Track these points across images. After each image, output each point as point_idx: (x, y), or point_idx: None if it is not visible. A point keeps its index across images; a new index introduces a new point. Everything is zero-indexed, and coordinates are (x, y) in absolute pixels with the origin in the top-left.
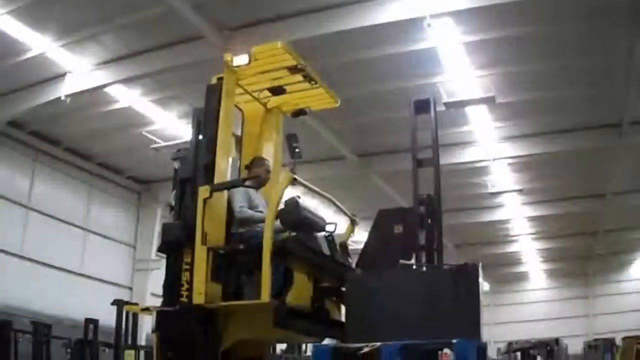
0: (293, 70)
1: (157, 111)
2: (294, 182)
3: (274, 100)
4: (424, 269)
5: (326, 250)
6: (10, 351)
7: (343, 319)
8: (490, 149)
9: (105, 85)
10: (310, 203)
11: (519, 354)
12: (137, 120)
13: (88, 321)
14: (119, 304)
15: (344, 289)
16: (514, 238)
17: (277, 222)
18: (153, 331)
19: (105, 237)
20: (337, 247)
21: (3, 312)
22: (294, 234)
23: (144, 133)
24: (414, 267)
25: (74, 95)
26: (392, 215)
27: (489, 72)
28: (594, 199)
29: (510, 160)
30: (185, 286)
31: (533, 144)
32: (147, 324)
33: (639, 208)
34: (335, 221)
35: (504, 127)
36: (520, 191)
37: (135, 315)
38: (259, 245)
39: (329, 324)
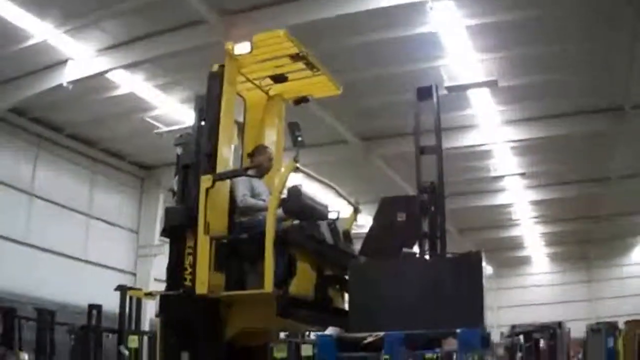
0: (295, 58)
1: (159, 96)
2: (296, 170)
3: (276, 88)
4: (427, 257)
5: (329, 238)
6: (15, 338)
7: (346, 307)
8: (492, 133)
9: (107, 71)
10: (312, 188)
11: (521, 337)
12: (140, 106)
13: (91, 307)
14: (122, 289)
15: (347, 277)
16: (516, 222)
17: (280, 211)
18: (157, 315)
19: (108, 223)
20: (340, 234)
21: (7, 299)
22: (296, 222)
23: (146, 118)
24: (417, 255)
25: (76, 82)
26: (395, 203)
27: (491, 55)
28: (597, 183)
29: (512, 144)
30: (189, 270)
31: (535, 128)
32: (150, 309)
33: None
34: (337, 207)
35: (507, 110)
36: (522, 175)
37: (138, 301)
38: (262, 234)
39: (332, 313)
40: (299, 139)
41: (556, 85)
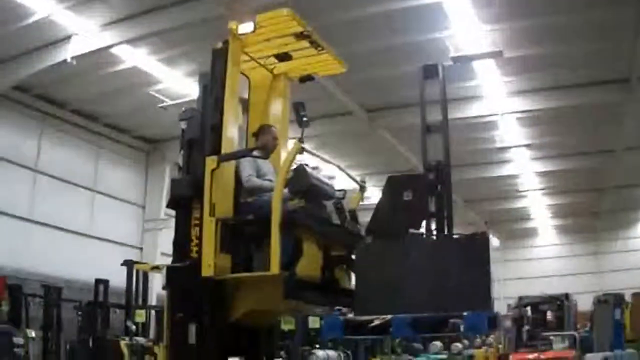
0: (299, 36)
1: (163, 70)
2: (302, 151)
3: (280, 67)
4: (434, 238)
5: (335, 218)
6: (21, 315)
7: (353, 287)
8: (498, 104)
9: (111, 46)
10: (317, 162)
11: (529, 308)
12: (144, 80)
13: (98, 282)
14: (128, 264)
15: (353, 257)
16: (522, 193)
17: (286, 191)
18: (163, 288)
19: (114, 197)
20: (347, 214)
21: (13, 276)
22: (302, 201)
23: (151, 92)
24: (424, 236)
25: (80, 57)
26: (401, 182)
27: (496, 26)
28: (603, 155)
29: (518, 115)
30: (195, 242)
31: (541, 99)
32: (157, 284)
33: None
34: (343, 186)
35: (512, 81)
36: (528, 146)
37: (145, 276)
38: (268, 214)
39: (339, 293)
40: (304, 119)
41: (562, 56)
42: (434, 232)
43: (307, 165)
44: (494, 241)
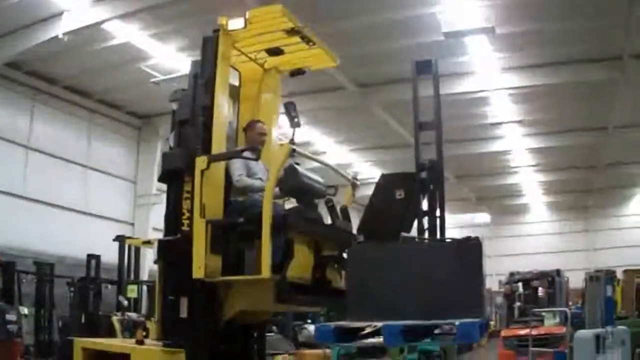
0: (290, 32)
1: (155, 45)
2: (293, 153)
3: (272, 61)
4: (427, 242)
5: (327, 217)
6: (14, 292)
7: (344, 286)
8: (489, 80)
9: (102, 22)
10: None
11: (520, 285)
12: (136, 55)
13: (90, 257)
14: (120, 239)
15: (345, 255)
16: (514, 169)
17: (277, 189)
18: (155, 262)
19: (106, 173)
20: (338, 212)
21: (5, 253)
22: (292, 200)
23: (143, 68)
24: (416, 240)
25: (71, 33)
26: (394, 180)
27: (488, 2)
28: (595, 132)
29: (510, 91)
30: (186, 215)
31: (534, 75)
32: (149, 259)
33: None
34: (335, 183)
35: (504, 57)
36: (520, 122)
37: (137, 251)
38: (259, 214)
39: (331, 294)
40: (295, 119)
41: (554, 33)
42: (427, 236)
43: (297, 163)
44: (485, 217)
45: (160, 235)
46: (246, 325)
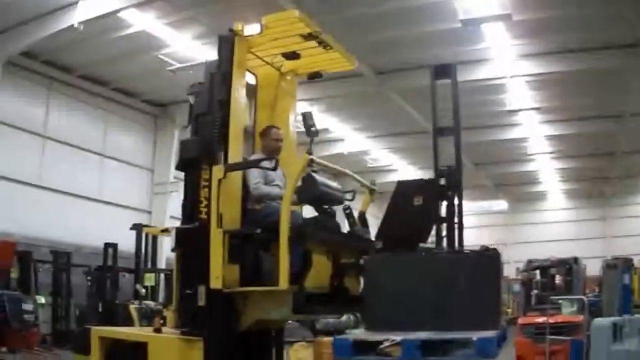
0: (307, 37)
1: (171, 34)
2: (310, 163)
3: (288, 65)
4: (445, 253)
5: (345, 225)
6: (31, 281)
7: (361, 293)
8: (507, 67)
9: (118, 10)
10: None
11: (537, 272)
12: (152, 44)
13: (107, 246)
14: (138, 228)
15: (362, 261)
16: (531, 157)
17: (294, 196)
18: (173, 250)
19: (122, 162)
20: (356, 218)
21: (22, 242)
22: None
23: (159, 56)
24: (435, 251)
25: (87, 22)
26: (412, 186)
27: None
28: (612, 120)
29: (527, 78)
30: (204, 203)
31: (551, 62)
32: (166, 247)
33: None
34: (352, 189)
35: (521, 44)
36: (538, 109)
37: (154, 239)
38: (276, 223)
39: (348, 301)
40: (312, 128)
41: (571, 20)
42: (445, 244)
43: (315, 171)
44: (503, 204)
45: (177, 224)
46: (261, 332)
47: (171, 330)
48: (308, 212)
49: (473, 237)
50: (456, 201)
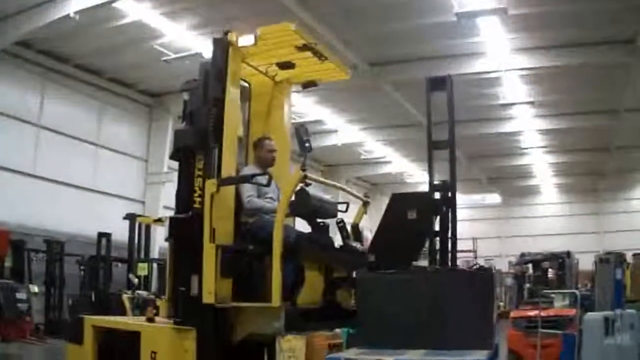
0: (302, 48)
1: (167, 24)
2: (304, 179)
3: (283, 74)
4: (438, 271)
5: (338, 239)
6: (25, 270)
7: (354, 306)
8: (501, 61)
9: (114, 0)
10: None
11: (530, 266)
12: (147, 34)
13: (101, 235)
14: (131, 217)
15: (354, 275)
16: (525, 151)
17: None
18: (166, 239)
19: (117, 152)
20: (349, 232)
21: (16, 231)
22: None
23: (154, 46)
24: (427, 269)
25: (82, 12)
26: (406, 200)
27: None
28: (607, 115)
29: (522, 72)
30: (198, 192)
31: (546, 57)
32: (160, 237)
33: None
34: (345, 201)
35: (516, 38)
36: (532, 103)
37: (147, 229)
38: (269, 237)
39: (342, 315)
40: (307, 144)
41: (567, 14)
42: (438, 261)
43: (308, 184)
44: (496, 198)
45: (171, 214)
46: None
47: (164, 320)
48: (300, 223)
49: (466, 230)
50: (450, 216)
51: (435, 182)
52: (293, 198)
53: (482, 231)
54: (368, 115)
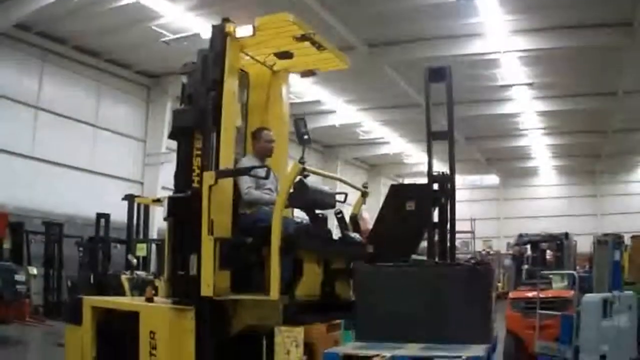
0: (300, 39)
1: (165, 5)
2: (303, 172)
3: (281, 63)
4: (437, 265)
5: (336, 230)
6: (23, 252)
7: (352, 297)
8: (500, 42)
9: None
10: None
11: (528, 247)
12: (145, 15)
13: (99, 216)
14: (129, 198)
15: (352, 265)
16: (523, 132)
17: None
18: (165, 218)
19: (115, 132)
20: (348, 222)
21: (14, 213)
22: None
23: (152, 27)
24: (426, 263)
25: None
26: (404, 191)
27: None
28: (605, 97)
29: (520, 54)
30: (197, 171)
31: (544, 38)
32: (158, 218)
33: None
34: (344, 191)
35: (515, 20)
36: (530, 85)
37: (146, 210)
38: (267, 229)
39: (339, 307)
40: (305, 136)
41: None
42: (437, 253)
43: (307, 175)
44: (494, 179)
45: (169, 194)
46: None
47: (163, 299)
48: (299, 211)
49: (464, 211)
50: (449, 208)
51: (434, 174)
52: (291, 190)
53: (480, 212)
54: (366, 96)
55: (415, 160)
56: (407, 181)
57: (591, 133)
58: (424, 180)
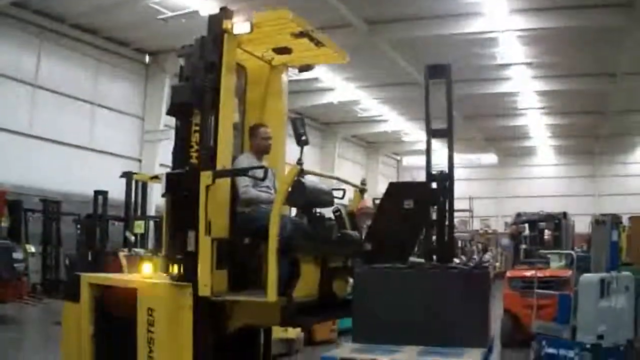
0: (299, 35)
1: None
2: (301, 173)
3: (279, 58)
4: (434, 268)
5: (334, 230)
6: (21, 230)
7: (350, 297)
8: (499, 21)
9: None
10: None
11: (526, 226)
12: None
13: (97, 193)
14: (128, 175)
15: (350, 263)
16: (522, 111)
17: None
18: (163, 195)
19: (113, 110)
20: (346, 220)
21: (12, 192)
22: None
23: (150, 4)
24: (424, 265)
25: None
26: (403, 189)
27: None
28: (604, 78)
29: (519, 33)
30: (195, 147)
31: (544, 18)
32: (156, 195)
33: None
34: (342, 188)
35: None
36: (529, 64)
37: (144, 187)
38: (264, 229)
39: (337, 306)
40: (303, 137)
41: None
42: (435, 264)
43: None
44: (492, 158)
45: (167, 171)
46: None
47: (161, 276)
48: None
49: (462, 190)
50: (447, 206)
51: (433, 172)
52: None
53: (478, 191)
54: (365, 74)
55: (414, 139)
56: (405, 158)
57: (590, 114)
58: (421, 158)
